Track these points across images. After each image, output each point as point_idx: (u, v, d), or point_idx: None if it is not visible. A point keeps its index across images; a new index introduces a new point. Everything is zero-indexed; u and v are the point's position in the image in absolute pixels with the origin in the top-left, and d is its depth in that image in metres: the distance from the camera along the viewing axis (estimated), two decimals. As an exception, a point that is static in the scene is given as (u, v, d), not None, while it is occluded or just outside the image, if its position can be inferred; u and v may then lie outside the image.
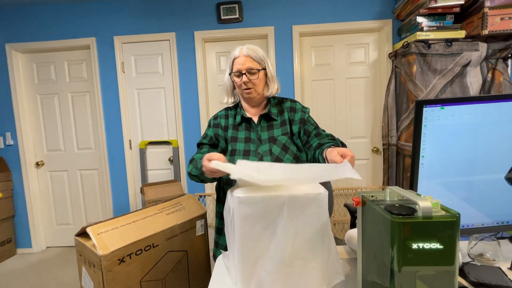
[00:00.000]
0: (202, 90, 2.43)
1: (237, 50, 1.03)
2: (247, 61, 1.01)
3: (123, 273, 0.97)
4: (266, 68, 1.05)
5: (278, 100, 1.13)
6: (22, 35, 2.48)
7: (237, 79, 1.03)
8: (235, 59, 1.03)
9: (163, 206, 1.21)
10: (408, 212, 0.50)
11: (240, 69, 1.01)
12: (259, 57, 1.03)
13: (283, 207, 0.67)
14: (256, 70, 1.02)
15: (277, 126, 1.06)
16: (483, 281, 0.68)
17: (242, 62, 1.01)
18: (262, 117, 1.07)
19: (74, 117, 2.61)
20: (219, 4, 2.32)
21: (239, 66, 1.01)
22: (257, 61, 1.03)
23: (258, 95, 1.05)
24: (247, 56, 1.01)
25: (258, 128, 1.06)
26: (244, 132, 1.06)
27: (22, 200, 2.60)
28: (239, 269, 0.70)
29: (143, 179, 2.52)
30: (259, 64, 1.03)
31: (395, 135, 2.18)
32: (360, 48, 2.39)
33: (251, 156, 1.01)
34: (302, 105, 1.13)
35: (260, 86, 1.05)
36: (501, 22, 1.80)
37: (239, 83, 1.02)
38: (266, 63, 1.05)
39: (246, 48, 1.02)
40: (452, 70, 1.91)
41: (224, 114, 1.12)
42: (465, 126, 0.73)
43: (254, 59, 1.02)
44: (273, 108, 1.09)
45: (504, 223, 0.80)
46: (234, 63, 1.03)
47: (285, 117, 1.08)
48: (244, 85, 1.02)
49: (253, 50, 1.02)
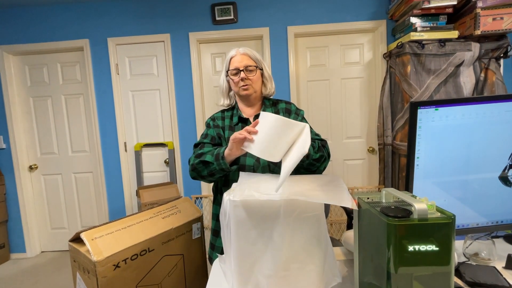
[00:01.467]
0: (197, 91, 2.42)
1: (234, 50, 1.06)
2: (244, 59, 1.04)
3: (119, 279, 0.96)
4: (262, 69, 1.08)
5: (273, 101, 1.14)
6: (14, 37, 2.44)
7: (235, 77, 1.04)
8: (232, 58, 1.06)
9: (159, 210, 1.20)
10: (404, 214, 0.51)
11: (237, 66, 1.03)
12: (256, 57, 1.07)
13: (279, 210, 0.66)
14: (254, 67, 1.04)
15: None
16: (478, 281, 0.68)
17: (240, 60, 1.04)
18: (257, 117, 1.07)
19: (68, 119, 2.58)
20: (214, 5, 2.31)
21: (237, 64, 1.03)
22: (254, 60, 1.06)
23: (255, 92, 1.07)
24: (244, 54, 1.05)
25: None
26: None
27: (15, 205, 2.56)
28: (236, 273, 0.70)
29: (138, 181, 2.50)
30: (256, 63, 1.06)
31: (391, 134, 2.19)
32: (354, 48, 2.40)
33: (248, 157, 1.01)
34: (296, 107, 1.14)
35: (258, 84, 1.07)
36: (493, 22, 1.82)
37: (237, 80, 1.03)
38: (262, 64, 1.08)
39: (243, 48, 1.06)
40: (445, 70, 1.93)
41: (220, 116, 1.13)
42: (459, 127, 0.74)
43: (251, 58, 1.05)
44: (268, 108, 1.10)
45: (499, 223, 0.80)
46: (231, 62, 1.05)
47: None
48: (241, 82, 1.03)
49: (250, 50, 1.06)
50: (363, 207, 0.60)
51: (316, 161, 0.96)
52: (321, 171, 1.02)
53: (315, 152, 0.94)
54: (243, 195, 0.67)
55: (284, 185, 0.71)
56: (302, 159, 0.86)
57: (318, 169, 1.00)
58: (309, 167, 0.97)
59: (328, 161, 1.02)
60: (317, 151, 0.95)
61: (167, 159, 2.51)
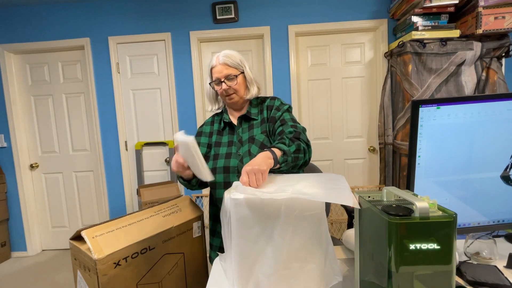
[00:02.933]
0: (198, 90, 2.42)
1: (214, 59, 1.06)
2: (224, 68, 1.04)
3: (119, 277, 0.96)
4: (244, 72, 1.07)
5: (261, 100, 1.15)
6: (15, 35, 2.44)
7: (218, 87, 1.06)
8: (213, 68, 1.06)
9: (159, 208, 1.20)
10: (405, 212, 0.50)
11: (218, 77, 1.04)
12: (235, 63, 1.05)
13: (280, 208, 0.66)
14: (234, 76, 1.04)
15: (257, 125, 1.07)
16: (479, 280, 0.68)
17: (220, 70, 1.04)
18: (242, 119, 1.10)
19: (69, 118, 2.58)
20: (215, 4, 2.31)
21: (217, 75, 1.04)
22: (234, 66, 1.05)
23: (240, 99, 1.08)
24: (223, 64, 1.04)
25: (239, 130, 1.08)
26: (228, 136, 1.09)
27: (16, 203, 2.57)
28: (236, 272, 0.70)
29: (139, 180, 2.50)
30: (237, 69, 1.05)
31: (391, 134, 2.18)
32: (356, 47, 2.39)
33: (232, 158, 1.02)
34: (281, 102, 1.10)
35: (241, 90, 1.07)
36: (495, 21, 1.81)
37: (220, 91, 1.06)
38: (244, 67, 1.07)
39: (222, 56, 1.04)
40: (447, 69, 1.92)
41: (210, 120, 1.17)
42: (461, 125, 0.73)
43: (230, 66, 1.04)
44: (254, 108, 1.11)
45: (500, 222, 0.80)
46: (213, 72, 1.07)
47: (264, 115, 1.09)
48: (225, 92, 1.05)
49: (229, 56, 1.04)
50: (364, 205, 0.60)
51: (296, 152, 0.90)
52: (308, 161, 0.98)
53: (288, 145, 0.89)
54: (244, 194, 0.67)
55: (285, 184, 0.71)
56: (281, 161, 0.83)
57: (305, 160, 0.95)
58: (295, 161, 0.91)
59: (310, 149, 0.97)
60: (289, 144, 0.89)
61: (168, 158, 2.51)
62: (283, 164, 0.85)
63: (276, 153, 0.83)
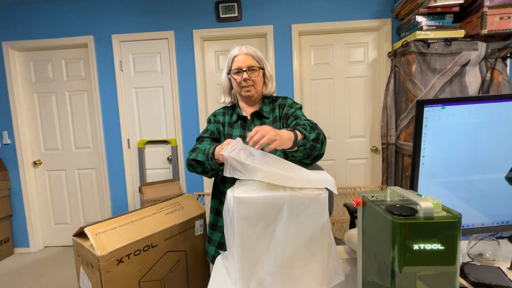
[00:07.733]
0: (200, 89, 2.42)
1: (237, 49, 1.05)
2: (248, 59, 1.03)
3: (122, 274, 0.96)
4: (264, 68, 1.08)
5: (272, 99, 1.15)
6: (19, 33, 2.45)
7: (237, 77, 1.04)
8: (235, 57, 1.05)
9: (162, 206, 1.20)
10: (409, 212, 0.50)
11: (240, 66, 1.02)
12: (258, 57, 1.06)
13: (283, 207, 0.66)
14: (257, 68, 1.04)
15: (269, 124, 1.07)
16: (483, 281, 0.68)
17: (243, 60, 1.03)
18: (255, 115, 1.10)
19: (72, 116, 2.59)
20: (218, 3, 2.31)
21: (240, 64, 1.03)
22: (257, 60, 1.06)
23: (257, 93, 1.07)
24: (248, 54, 1.04)
25: (252, 126, 1.08)
26: (239, 130, 1.08)
27: (19, 200, 2.58)
28: (239, 270, 0.70)
29: (141, 178, 2.50)
30: (259, 63, 1.06)
31: (394, 134, 2.18)
32: (359, 47, 2.38)
33: None
34: (293, 101, 1.12)
35: (259, 85, 1.07)
36: (500, 21, 1.80)
37: (239, 80, 1.03)
38: (264, 64, 1.08)
39: (246, 48, 1.05)
40: (451, 70, 1.91)
41: (222, 112, 1.14)
42: (466, 126, 0.73)
43: (254, 58, 1.05)
44: (266, 106, 1.11)
45: (504, 223, 0.79)
46: (234, 61, 1.05)
47: (276, 114, 1.09)
48: (244, 82, 1.03)
49: (253, 49, 1.06)
50: (367, 205, 0.60)
51: (315, 141, 0.89)
52: (322, 154, 0.96)
53: (309, 132, 0.89)
54: (247, 192, 0.67)
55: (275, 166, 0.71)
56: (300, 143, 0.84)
57: (320, 152, 0.94)
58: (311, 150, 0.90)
59: (325, 141, 0.96)
60: (310, 132, 0.90)
61: (170, 156, 2.52)
62: (301, 148, 0.85)
63: (298, 135, 0.84)
